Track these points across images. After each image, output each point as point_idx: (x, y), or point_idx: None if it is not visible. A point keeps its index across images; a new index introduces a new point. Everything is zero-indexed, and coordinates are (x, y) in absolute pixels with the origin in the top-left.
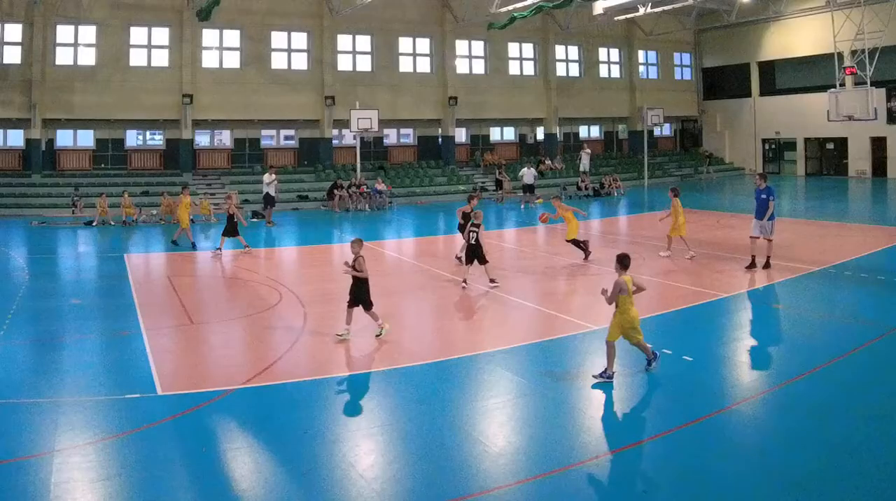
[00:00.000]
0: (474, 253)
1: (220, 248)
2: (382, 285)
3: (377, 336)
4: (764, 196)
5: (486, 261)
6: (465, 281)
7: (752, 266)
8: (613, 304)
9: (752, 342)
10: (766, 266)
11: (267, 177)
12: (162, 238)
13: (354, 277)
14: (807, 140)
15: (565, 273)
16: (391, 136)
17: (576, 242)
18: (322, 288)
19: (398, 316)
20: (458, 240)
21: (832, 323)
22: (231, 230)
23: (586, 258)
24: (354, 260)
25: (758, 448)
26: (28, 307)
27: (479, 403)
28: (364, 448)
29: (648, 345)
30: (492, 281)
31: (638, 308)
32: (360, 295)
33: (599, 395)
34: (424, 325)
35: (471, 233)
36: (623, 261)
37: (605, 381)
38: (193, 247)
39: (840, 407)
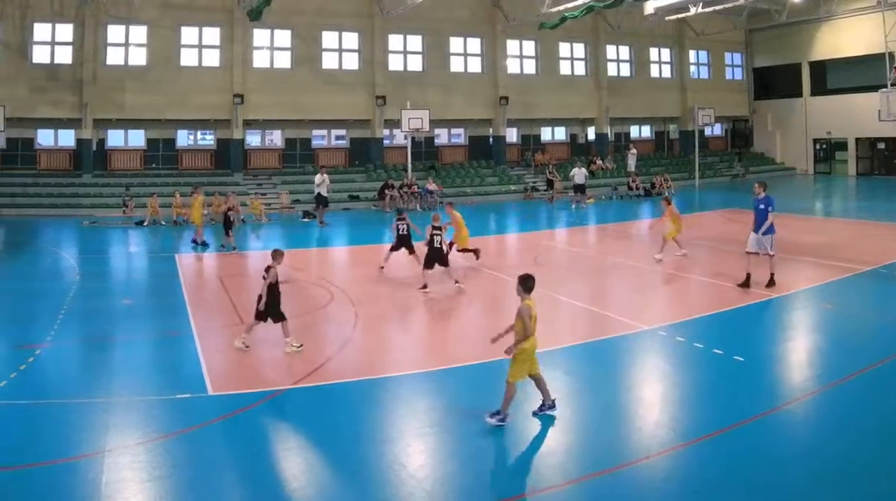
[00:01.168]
0: (436, 258)
1: (234, 247)
2: (432, 285)
3: (287, 352)
4: (762, 206)
5: (447, 265)
6: (425, 287)
7: (745, 284)
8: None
9: (802, 342)
10: (770, 284)
11: (318, 178)
12: (212, 238)
13: (268, 288)
14: (858, 140)
15: (616, 273)
16: (442, 136)
17: (465, 250)
18: (373, 288)
19: (448, 315)
20: (511, 241)
21: (884, 323)
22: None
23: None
24: (267, 270)
25: (809, 447)
26: (79, 307)
27: (529, 403)
28: (415, 448)
29: (547, 391)
30: (455, 280)
31: (689, 307)
32: (270, 306)
33: (649, 395)
34: (475, 325)
35: (434, 237)
36: (526, 283)
37: (498, 425)
38: (205, 246)
39: (892, 408)
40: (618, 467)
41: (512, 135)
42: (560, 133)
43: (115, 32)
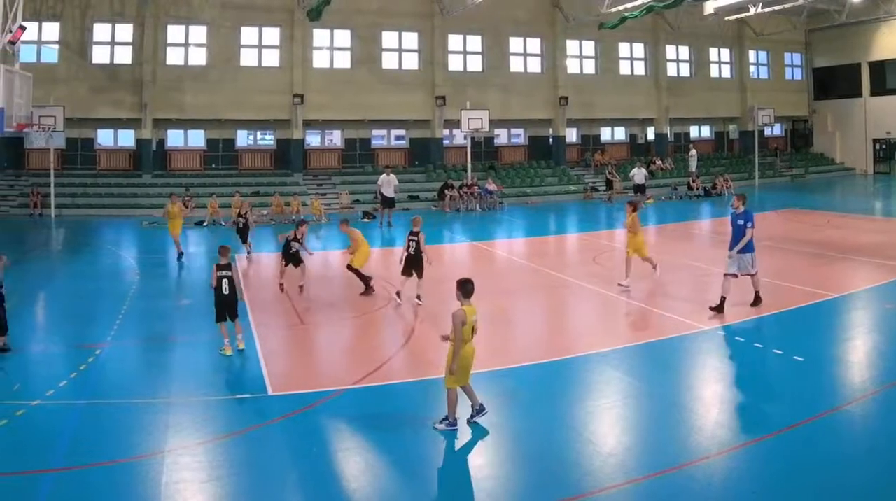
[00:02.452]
0: (412, 265)
1: (249, 252)
2: (493, 285)
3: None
4: (740, 222)
5: (422, 277)
6: (398, 295)
7: (718, 309)
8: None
9: (862, 342)
10: (756, 302)
11: (382, 178)
12: (272, 238)
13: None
14: None
15: (676, 272)
16: (502, 136)
17: (357, 273)
18: (433, 288)
19: (509, 315)
20: (570, 241)
21: None
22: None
23: (366, 291)
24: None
25: (871, 448)
26: (139, 307)
27: (589, 403)
28: (475, 447)
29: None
30: (417, 296)
31: (749, 307)
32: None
33: (709, 395)
34: (535, 325)
35: (410, 243)
36: (464, 288)
37: (448, 429)
38: (180, 257)
39: None
40: (677, 467)
41: (572, 135)
42: (620, 133)
43: (174, 32)
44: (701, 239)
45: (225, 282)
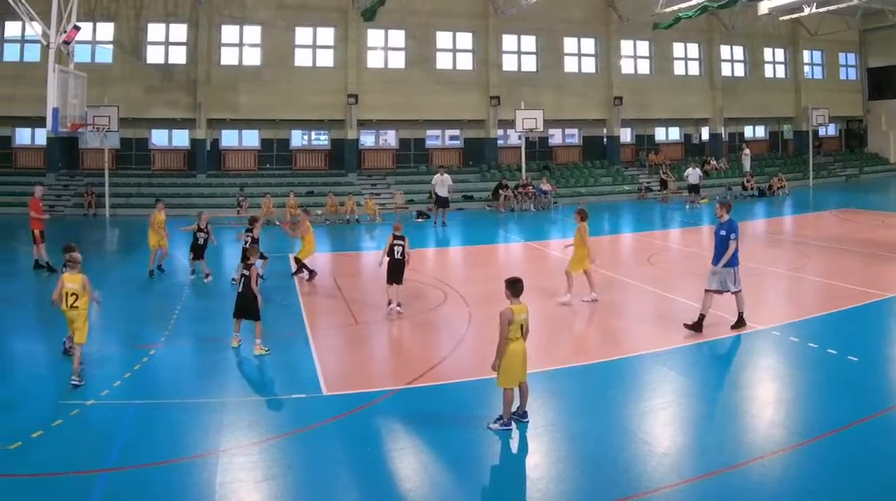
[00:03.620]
0: (397, 271)
1: (193, 271)
2: (547, 286)
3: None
4: (723, 233)
5: (401, 283)
6: (390, 304)
7: (696, 327)
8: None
9: None
10: (738, 324)
11: (436, 178)
12: (327, 238)
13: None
14: None
15: None
16: (556, 136)
17: (301, 264)
18: (487, 288)
19: (563, 315)
20: (625, 241)
21: None
22: (198, 250)
23: (310, 279)
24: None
25: None
26: (193, 307)
27: (644, 403)
28: (529, 447)
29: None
30: (398, 303)
31: (803, 307)
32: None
33: (763, 395)
34: (589, 325)
35: (395, 248)
36: (513, 287)
37: (502, 429)
38: (161, 271)
39: None
40: (732, 467)
41: (626, 135)
42: (674, 133)
43: (229, 32)
44: (754, 239)
45: (243, 280)
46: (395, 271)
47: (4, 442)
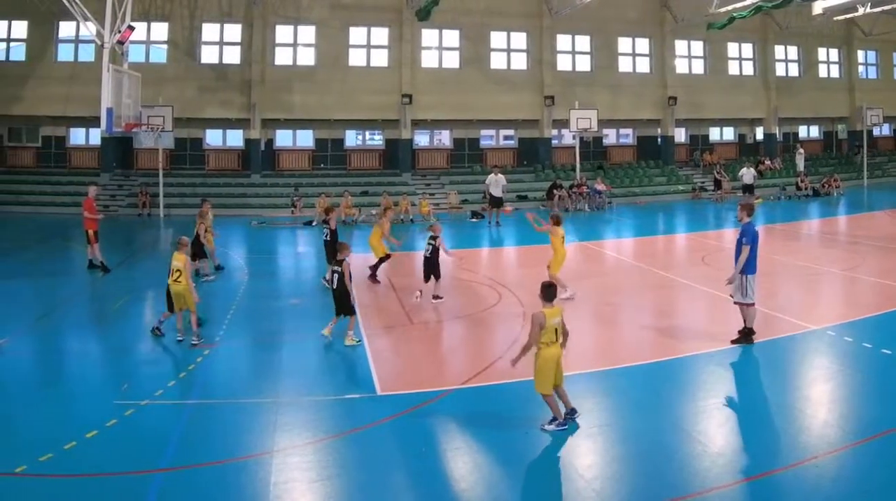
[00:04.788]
0: (429, 268)
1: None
2: (601, 285)
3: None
4: (739, 237)
5: (439, 277)
6: (420, 293)
7: (741, 338)
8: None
9: None
10: (742, 338)
11: (490, 178)
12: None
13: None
14: None
15: (784, 273)
16: (610, 136)
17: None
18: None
19: (617, 315)
20: (679, 241)
21: None
22: (198, 251)
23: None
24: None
25: None
26: (248, 307)
27: (698, 403)
28: (583, 447)
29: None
30: (436, 296)
31: (858, 307)
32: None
33: (817, 395)
34: (644, 325)
35: (427, 246)
36: (545, 292)
37: (557, 429)
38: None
39: None
40: (786, 467)
41: (680, 135)
42: (728, 133)
43: (283, 32)
44: (810, 239)
45: (335, 277)
46: (425, 267)
47: (59, 443)
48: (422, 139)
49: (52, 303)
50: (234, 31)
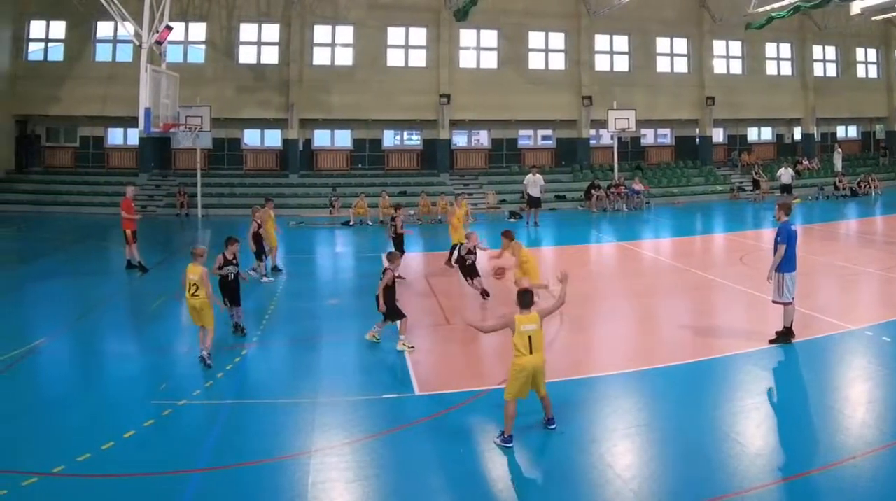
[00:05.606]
0: (462, 270)
1: (254, 269)
2: (639, 285)
3: (398, 348)
4: (777, 237)
5: (471, 276)
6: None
7: (779, 338)
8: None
9: None
10: (781, 338)
11: (528, 178)
12: (420, 238)
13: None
14: None
15: (823, 272)
16: (648, 136)
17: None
18: (580, 288)
19: (655, 315)
20: (717, 241)
21: None
22: (258, 251)
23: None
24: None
25: None
26: (286, 307)
27: (736, 403)
28: (621, 447)
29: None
30: (483, 292)
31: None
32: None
33: (855, 395)
34: (681, 326)
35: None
36: (520, 299)
37: (503, 444)
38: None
39: None
40: (824, 467)
41: (718, 135)
42: (766, 133)
43: (321, 33)
44: (847, 239)
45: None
46: (462, 270)
47: (97, 443)
48: (460, 139)
49: (90, 303)
50: (272, 31)
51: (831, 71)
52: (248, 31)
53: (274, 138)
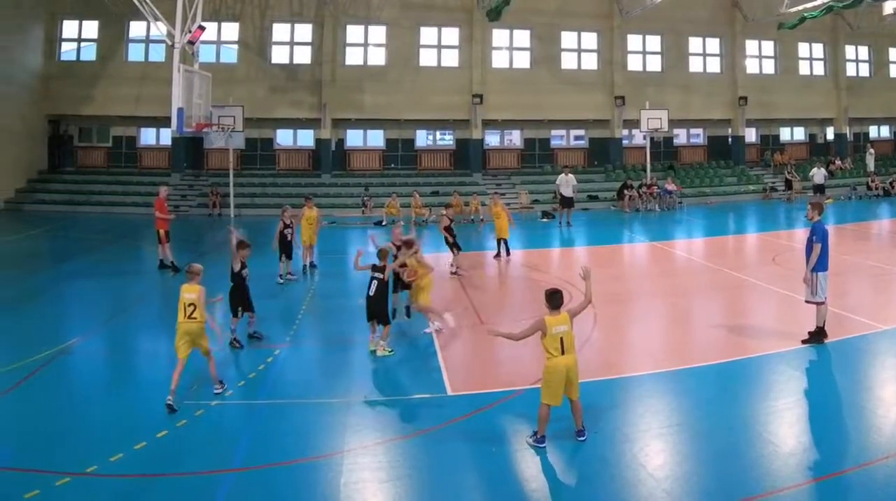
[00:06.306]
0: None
1: (282, 275)
2: (672, 285)
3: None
4: (811, 236)
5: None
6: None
7: (811, 338)
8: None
9: None
10: (813, 338)
11: (560, 178)
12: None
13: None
14: None
15: (855, 272)
16: (681, 136)
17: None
18: (613, 288)
19: (688, 315)
20: (750, 240)
21: None
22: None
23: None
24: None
25: None
26: (318, 307)
27: (769, 403)
28: (654, 447)
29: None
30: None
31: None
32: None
33: (889, 396)
34: (714, 325)
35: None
36: (549, 299)
37: (537, 445)
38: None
39: None
40: (858, 466)
41: (751, 135)
42: (799, 133)
43: (353, 33)
44: (880, 239)
45: (374, 284)
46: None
47: (130, 443)
48: (492, 139)
49: (122, 303)
50: (304, 31)
51: (864, 71)
52: (280, 31)
53: (307, 138)
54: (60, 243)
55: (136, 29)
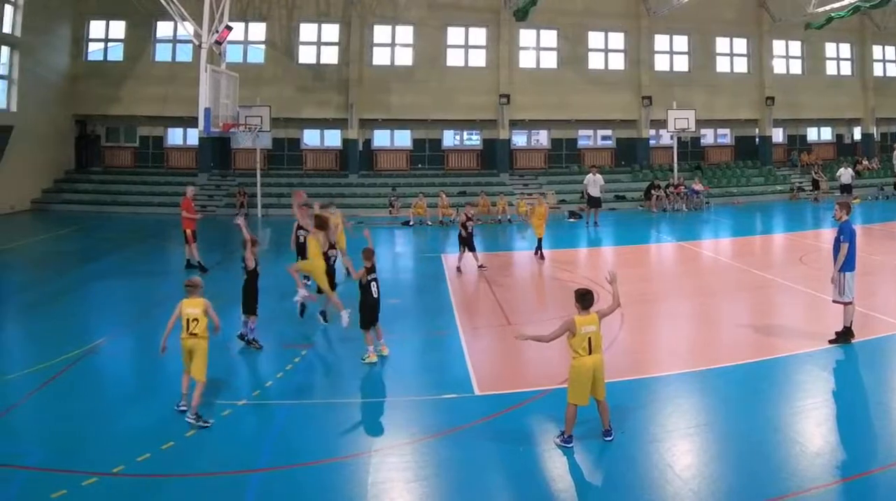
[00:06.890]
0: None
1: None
2: (698, 285)
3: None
4: (837, 235)
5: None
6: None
7: (838, 338)
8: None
9: None
10: (840, 338)
11: (588, 178)
12: (478, 238)
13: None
14: None
15: (882, 272)
16: (708, 136)
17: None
18: (640, 288)
19: (714, 315)
20: (777, 240)
21: None
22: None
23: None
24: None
25: None
26: (345, 305)
27: (796, 403)
28: (681, 448)
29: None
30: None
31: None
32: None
33: None
34: (741, 325)
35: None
36: (582, 299)
37: (564, 446)
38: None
39: None
40: (884, 467)
41: (778, 135)
42: (826, 133)
43: (381, 32)
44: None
45: (374, 285)
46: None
47: (157, 443)
48: (519, 139)
49: (149, 303)
50: (331, 31)
51: (891, 71)
52: (307, 31)
53: (334, 138)
54: (87, 243)
55: (164, 29)
